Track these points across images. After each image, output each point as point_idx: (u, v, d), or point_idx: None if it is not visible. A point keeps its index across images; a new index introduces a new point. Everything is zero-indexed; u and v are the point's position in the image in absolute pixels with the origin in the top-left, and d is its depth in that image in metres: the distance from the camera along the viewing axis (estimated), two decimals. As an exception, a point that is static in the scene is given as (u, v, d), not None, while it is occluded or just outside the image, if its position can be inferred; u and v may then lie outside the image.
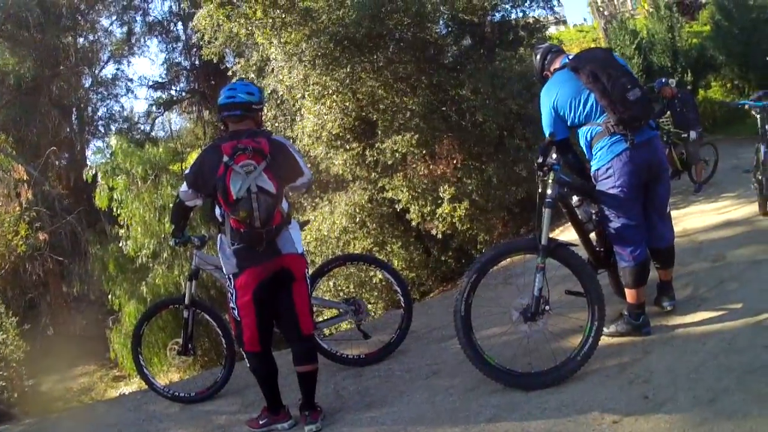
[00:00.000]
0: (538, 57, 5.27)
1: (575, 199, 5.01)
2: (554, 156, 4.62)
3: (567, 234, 7.27)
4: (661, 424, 3.60)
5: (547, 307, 4.54)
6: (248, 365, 4.71)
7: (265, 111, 12.50)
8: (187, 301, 5.66)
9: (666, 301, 5.23)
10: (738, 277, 5.82)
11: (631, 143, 4.55)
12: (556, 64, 5.05)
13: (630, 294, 4.85)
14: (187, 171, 4.74)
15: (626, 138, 4.56)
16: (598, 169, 4.75)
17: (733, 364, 4.06)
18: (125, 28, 26.90)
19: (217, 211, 4.58)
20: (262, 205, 4.25)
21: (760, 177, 7.26)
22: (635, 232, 4.75)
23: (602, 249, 5.27)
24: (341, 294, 11.05)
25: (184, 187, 4.71)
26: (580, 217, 5.03)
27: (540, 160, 4.59)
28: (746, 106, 7.62)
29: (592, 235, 5.24)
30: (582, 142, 4.91)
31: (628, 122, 4.52)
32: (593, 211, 5.07)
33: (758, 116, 7.04)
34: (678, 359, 4.36)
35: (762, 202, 7.50)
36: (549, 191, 4.59)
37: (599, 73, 4.58)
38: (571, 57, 4.95)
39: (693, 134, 11.28)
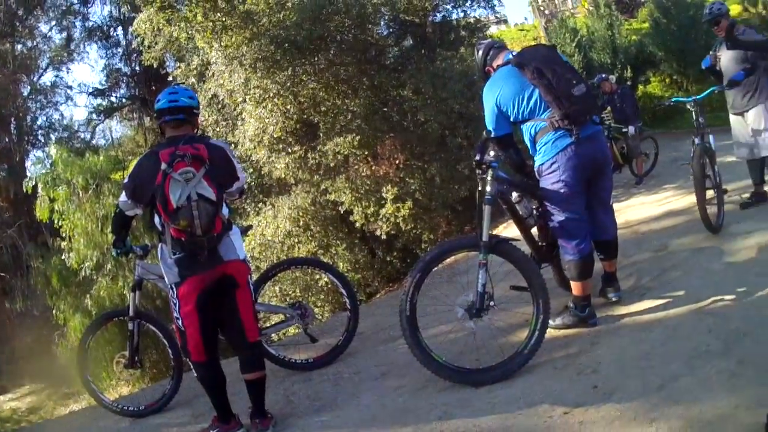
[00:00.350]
0: (481, 53, 5.30)
1: (515, 195, 5.06)
2: (492, 153, 4.67)
3: (510, 230, 7.32)
4: (611, 412, 3.66)
5: (491, 303, 4.59)
6: (195, 375, 4.64)
7: (206, 116, 12.46)
8: (131, 312, 5.57)
9: (611, 293, 5.35)
10: (680, 265, 6.01)
11: (576, 138, 4.61)
12: (499, 61, 5.10)
13: (576, 287, 4.94)
14: (125, 180, 4.62)
15: (571, 133, 4.62)
16: (542, 164, 4.80)
17: (679, 350, 4.17)
18: (64, 34, 26.60)
19: (156, 220, 4.45)
20: (202, 213, 4.18)
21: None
22: (580, 226, 4.83)
23: (544, 243, 5.35)
24: (287, 298, 10.98)
25: (123, 197, 4.58)
26: (520, 212, 5.10)
27: (477, 157, 4.65)
28: (681, 103, 7.74)
29: (534, 230, 5.29)
30: (526, 138, 4.96)
31: (573, 117, 4.60)
32: (533, 207, 5.13)
33: (693, 110, 7.18)
34: (625, 348, 4.45)
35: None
36: (488, 188, 4.62)
37: (544, 69, 4.66)
38: (514, 54, 4.98)
39: (632, 129, 11.48)
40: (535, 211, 5.16)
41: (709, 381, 3.64)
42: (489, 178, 4.63)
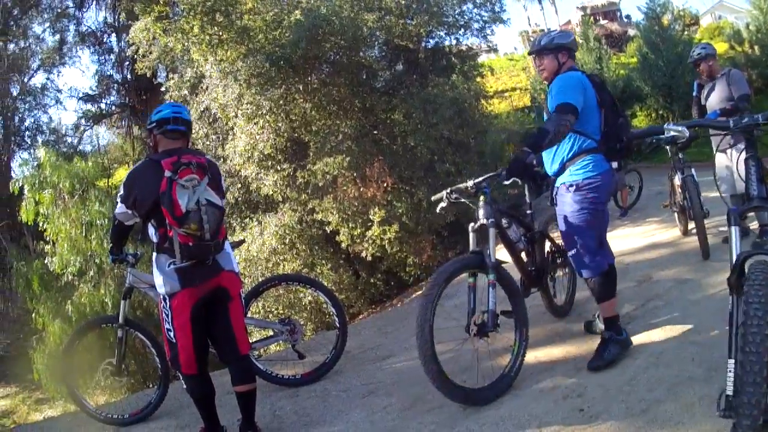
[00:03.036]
0: (570, 39, 5.06)
1: (504, 220, 5.10)
2: (486, 183, 4.78)
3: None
4: (597, 434, 3.71)
5: (498, 323, 4.54)
6: (185, 387, 4.60)
7: (197, 129, 12.47)
8: (121, 320, 5.54)
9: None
10: (663, 295, 6.09)
11: (618, 165, 4.86)
12: (571, 62, 4.95)
13: (604, 307, 4.80)
14: (121, 192, 4.55)
15: (612, 160, 4.80)
16: (585, 179, 4.71)
17: (662, 377, 4.22)
18: (57, 37, 26.34)
19: (151, 231, 4.45)
20: (211, 217, 4.26)
21: (679, 201, 7.64)
22: (600, 245, 4.82)
23: (533, 269, 5.42)
24: (269, 315, 10.98)
25: (120, 207, 4.57)
26: (511, 237, 5.14)
27: (474, 180, 4.84)
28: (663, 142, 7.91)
29: (522, 256, 5.36)
30: (569, 146, 4.81)
31: (623, 150, 4.86)
32: (521, 233, 5.21)
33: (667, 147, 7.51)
34: (610, 374, 4.50)
35: (682, 224, 8.10)
36: (482, 212, 4.73)
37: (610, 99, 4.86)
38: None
39: (614, 162, 11.57)
40: (523, 237, 5.25)
41: (692, 407, 3.69)
42: (481, 202, 4.74)
